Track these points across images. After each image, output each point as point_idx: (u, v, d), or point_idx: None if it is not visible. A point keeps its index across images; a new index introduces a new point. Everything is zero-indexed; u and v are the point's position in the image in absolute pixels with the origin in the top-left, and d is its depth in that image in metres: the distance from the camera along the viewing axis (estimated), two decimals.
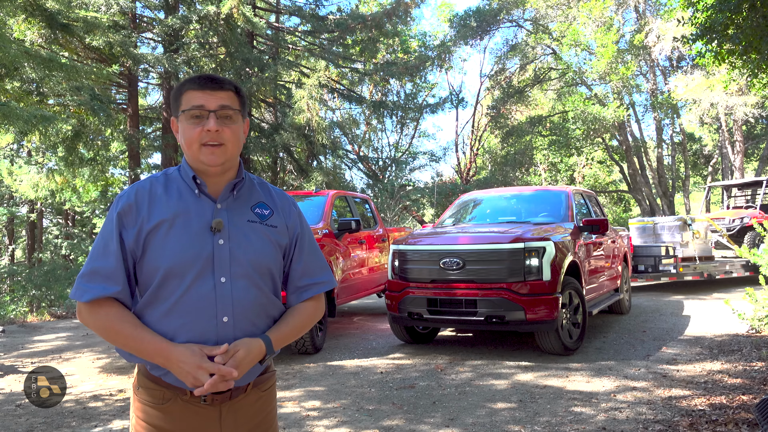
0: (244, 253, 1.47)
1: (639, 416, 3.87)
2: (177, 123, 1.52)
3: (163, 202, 1.46)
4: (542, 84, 23.88)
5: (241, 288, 1.46)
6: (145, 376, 1.47)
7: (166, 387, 1.44)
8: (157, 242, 1.42)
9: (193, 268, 1.42)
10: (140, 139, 13.68)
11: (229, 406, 1.47)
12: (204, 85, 1.47)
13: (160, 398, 1.45)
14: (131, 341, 1.40)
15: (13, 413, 4.39)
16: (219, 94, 1.47)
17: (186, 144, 1.48)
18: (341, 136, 21.22)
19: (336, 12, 17.42)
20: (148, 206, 1.44)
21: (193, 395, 1.43)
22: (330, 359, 5.86)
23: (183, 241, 1.42)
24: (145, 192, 1.46)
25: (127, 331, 1.40)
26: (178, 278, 1.41)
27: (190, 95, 1.47)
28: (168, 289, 1.42)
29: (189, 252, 1.42)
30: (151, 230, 1.42)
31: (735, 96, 18.14)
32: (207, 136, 1.45)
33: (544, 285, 5.36)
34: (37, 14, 10.48)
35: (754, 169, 24.48)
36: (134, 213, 1.43)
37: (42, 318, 9.81)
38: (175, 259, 1.41)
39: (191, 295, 1.42)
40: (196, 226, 1.45)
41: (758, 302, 6.20)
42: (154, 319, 1.43)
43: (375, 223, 8.60)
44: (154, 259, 1.42)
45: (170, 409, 1.44)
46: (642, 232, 11.50)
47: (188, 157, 1.51)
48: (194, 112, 1.46)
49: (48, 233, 23.68)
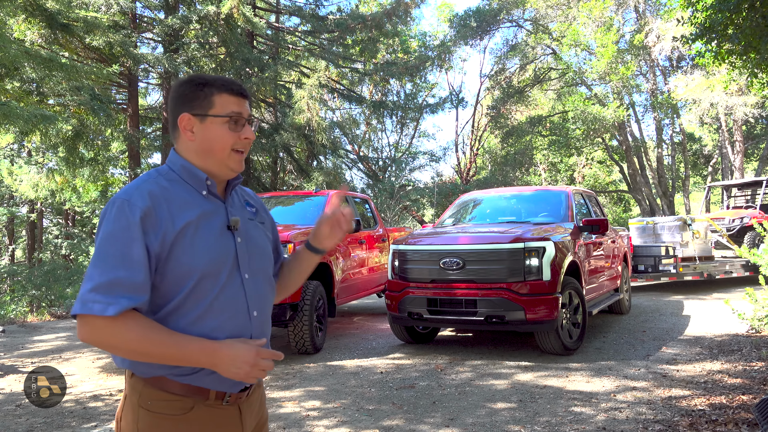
0: (255, 249, 1.54)
1: (639, 416, 3.88)
2: (195, 121, 1.46)
3: (180, 204, 1.42)
4: (542, 84, 23.89)
5: (261, 283, 1.53)
6: (161, 388, 1.39)
7: (186, 395, 1.39)
8: (185, 245, 1.38)
9: (225, 267, 1.43)
10: (140, 139, 13.67)
11: (245, 403, 1.49)
12: (239, 91, 1.48)
13: (182, 408, 1.38)
14: (171, 348, 1.33)
15: (13, 413, 4.39)
16: (246, 102, 1.51)
17: (217, 148, 1.45)
18: (341, 136, 21.22)
19: (336, 12, 17.43)
20: (168, 209, 1.39)
21: (217, 398, 1.41)
22: (330, 359, 5.86)
23: (211, 241, 1.42)
24: (159, 194, 1.40)
25: (164, 338, 1.32)
26: (213, 278, 1.41)
27: (225, 99, 1.45)
28: (203, 291, 1.39)
29: (220, 251, 1.43)
30: (178, 233, 1.37)
31: (735, 96, 18.15)
32: (243, 143, 1.48)
33: (544, 285, 5.37)
34: (37, 14, 10.48)
35: (754, 169, 24.48)
36: (154, 217, 1.36)
37: (42, 318, 9.81)
38: (210, 260, 1.40)
39: (226, 293, 1.42)
40: (218, 226, 1.46)
41: (758, 302, 6.20)
42: (184, 325, 1.38)
43: (375, 223, 8.60)
44: (185, 262, 1.37)
45: (193, 417, 1.39)
46: (642, 232, 11.50)
47: (207, 160, 1.47)
48: (235, 117, 1.46)
49: (48, 233, 23.67)
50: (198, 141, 1.46)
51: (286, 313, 5.74)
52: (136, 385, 1.40)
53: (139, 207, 1.35)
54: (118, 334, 1.30)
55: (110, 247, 1.32)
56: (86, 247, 18.97)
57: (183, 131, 1.47)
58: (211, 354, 1.35)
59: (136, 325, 1.30)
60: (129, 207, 1.35)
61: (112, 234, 1.33)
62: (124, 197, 1.37)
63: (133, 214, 1.34)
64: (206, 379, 1.40)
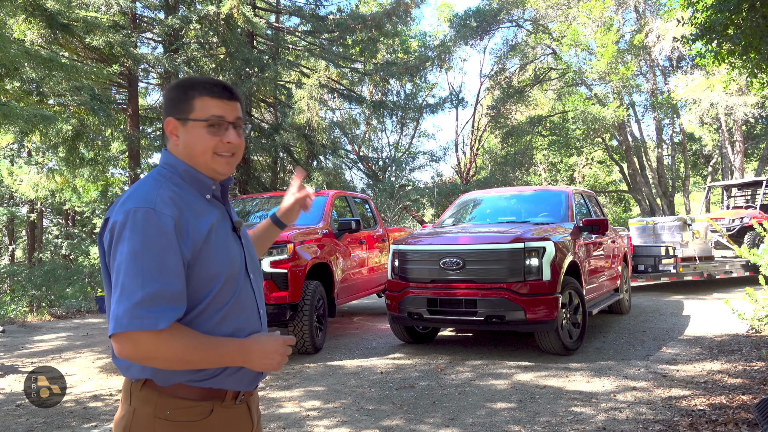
0: (252, 249, 1.60)
1: (639, 416, 3.88)
2: (179, 125, 1.45)
3: (196, 209, 1.41)
4: (542, 84, 23.90)
5: (260, 282, 1.58)
6: (178, 396, 1.36)
7: (204, 399, 1.38)
8: (210, 249, 1.38)
9: (241, 269, 1.46)
10: (140, 139, 13.67)
11: (252, 400, 1.52)
12: (221, 94, 1.45)
13: (201, 413, 1.37)
14: (211, 351, 1.33)
15: (13, 413, 4.39)
16: (233, 104, 1.47)
17: (198, 152, 1.44)
18: (341, 136, 21.21)
19: (336, 12, 17.42)
20: (190, 214, 1.38)
21: (232, 398, 1.43)
22: (330, 359, 5.86)
23: (228, 244, 1.44)
24: (178, 200, 1.38)
25: (205, 343, 1.33)
26: (234, 280, 1.43)
27: (205, 103, 1.43)
28: (225, 294, 1.40)
29: (236, 253, 1.46)
30: (204, 238, 1.37)
31: (735, 96, 18.15)
32: (225, 147, 1.45)
33: (544, 285, 5.37)
34: (37, 14, 10.47)
35: (754, 169, 24.48)
36: (182, 223, 1.35)
37: (42, 318, 9.81)
38: (231, 262, 1.42)
39: (241, 295, 1.45)
40: (228, 229, 1.49)
41: (758, 302, 6.20)
42: (208, 329, 1.38)
43: (375, 223, 8.60)
44: (212, 265, 1.37)
45: (213, 421, 1.39)
46: (642, 232, 11.51)
47: (195, 164, 1.46)
48: (215, 121, 1.43)
49: (48, 233, 23.67)
50: (181, 145, 1.46)
51: (286, 313, 5.74)
52: (150, 396, 1.36)
53: (169, 215, 1.32)
54: (166, 347, 1.27)
55: (145, 259, 1.27)
56: (86, 247, 18.97)
57: (169, 135, 1.47)
58: (247, 351, 1.38)
59: (180, 334, 1.30)
60: (157, 215, 1.31)
61: (145, 244, 1.28)
62: (147, 205, 1.32)
63: (165, 223, 1.31)
64: (227, 381, 1.41)
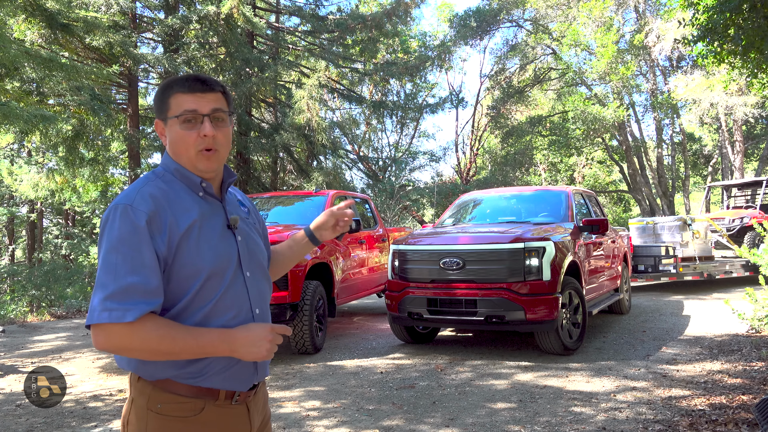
0: (254, 247, 1.55)
1: (639, 416, 3.88)
2: (164, 127, 1.46)
3: (180, 205, 1.41)
4: (542, 84, 23.90)
5: (260, 280, 1.54)
6: (170, 390, 1.37)
7: (196, 396, 1.38)
8: (191, 245, 1.37)
9: (230, 266, 1.44)
10: (140, 139, 13.66)
11: (252, 402, 1.50)
12: (193, 87, 1.42)
13: (192, 410, 1.37)
14: (190, 341, 1.32)
15: (13, 413, 4.39)
16: (209, 96, 1.43)
17: (181, 150, 1.43)
18: (341, 136, 21.22)
19: (336, 12, 17.42)
20: (170, 211, 1.37)
21: (226, 398, 1.42)
22: (330, 359, 5.86)
23: (215, 241, 1.43)
24: (160, 197, 1.38)
25: (183, 333, 1.32)
26: (218, 278, 1.41)
27: (179, 99, 1.42)
28: (209, 290, 1.39)
29: (224, 250, 1.44)
30: (183, 234, 1.37)
31: (735, 96, 18.16)
32: (203, 141, 1.42)
33: (544, 285, 5.37)
34: (37, 14, 10.47)
35: (754, 169, 24.48)
36: (159, 220, 1.35)
37: (42, 318, 9.82)
38: (215, 259, 1.40)
39: (230, 292, 1.43)
40: (219, 226, 1.46)
41: (758, 302, 6.20)
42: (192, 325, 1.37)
43: (375, 223, 8.60)
44: (192, 262, 1.37)
45: (204, 419, 1.38)
46: (642, 232, 11.50)
47: (182, 162, 1.46)
48: (187, 116, 1.41)
49: (48, 233, 23.68)
50: (168, 144, 1.47)
51: (286, 313, 5.74)
52: (144, 388, 1.38)
53: (144, 211, 1.33)
54: (138, 338, 1.28)
55: (120, 254, 1.29)
56: (86, 247, 18.98)
57: (160, 137, 1.50)
58: (230, 340, 1.36)
59: (154, 325, 1.29)
60: (133, 211, 1.32)
61: (120, 240, 1.30)
62: (125, 202, 1.34)
63: (139, 219, 1.32)
64: (215, 380, 1.40)
